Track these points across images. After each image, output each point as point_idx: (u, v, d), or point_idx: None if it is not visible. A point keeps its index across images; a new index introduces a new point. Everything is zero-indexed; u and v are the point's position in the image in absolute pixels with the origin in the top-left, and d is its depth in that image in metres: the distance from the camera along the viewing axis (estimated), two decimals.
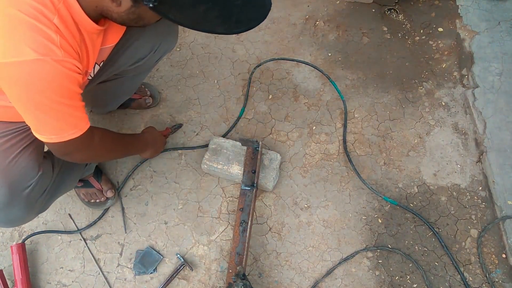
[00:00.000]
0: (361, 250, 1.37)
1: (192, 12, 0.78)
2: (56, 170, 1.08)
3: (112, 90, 1.38)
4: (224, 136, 1.55)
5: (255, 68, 1.69)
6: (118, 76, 1.28)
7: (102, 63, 1.03)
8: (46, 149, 1.14)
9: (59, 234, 1.42)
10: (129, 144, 1.26)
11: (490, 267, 1.33)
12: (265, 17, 0.86)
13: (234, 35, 1.78)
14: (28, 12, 0.70)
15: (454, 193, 1.45)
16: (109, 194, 1.41)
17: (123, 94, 1.46)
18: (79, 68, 0.80)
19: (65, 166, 1.14)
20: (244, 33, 1.79)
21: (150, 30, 1.08)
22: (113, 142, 1.14)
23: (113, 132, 1.19)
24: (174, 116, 1.62)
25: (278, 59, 1.72)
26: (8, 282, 1.34)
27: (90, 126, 0.92)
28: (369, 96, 1.64)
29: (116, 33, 0.99)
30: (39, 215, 1.44)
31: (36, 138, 0.88)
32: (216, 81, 1.69)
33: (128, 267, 1.37)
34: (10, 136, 0.95)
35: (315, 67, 1.69)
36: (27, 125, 0.94)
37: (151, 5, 0.71)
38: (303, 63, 1.71)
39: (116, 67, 1.17)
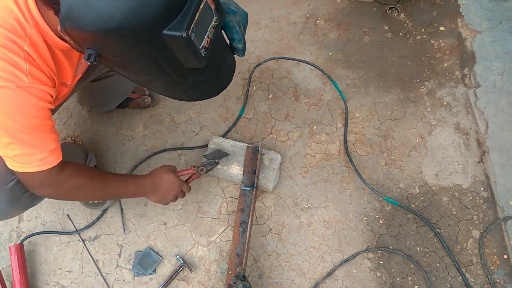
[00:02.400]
0: (362, 251, 1.36)
1: (135, 76, 0.81)
2: None
3: (110, 88, 1.36)
4: (223, 136, 1.54)
5: (255, 68, 1.68)
6: (113, 72, 1.27)
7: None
8: None
9: (58, 235, 1.41)
10: (117, 186, 1.09)
11: (492, 268, 1.32)
12: (217, 94, 0.89)
13: None
14: None
15: (456, 194, 1.44)
16: None
17: (121, 92, 1.45)
18: (50, 93, 0.82)
19: None
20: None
21: None
22: (91, 181, 1.02)
23: (94, 170, 1.08)
24: (173, 115, 1.60)
25: (278, 58, 1.71)
26: (7, 283, 1.33)
27: (63, 162, 0.91)
28: (370, 96, 1.62)
29: None
30: (38, 215, 1.44)
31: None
32: None
33: (127, 268, 1.36)
34: None
35: (316, 66, 1.68)
36: None
37: (89, 63, 0.70)
38: (304, 62, 1.69)
39: None
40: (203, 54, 0.73)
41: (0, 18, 0.73)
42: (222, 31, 0.88)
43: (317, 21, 1.79)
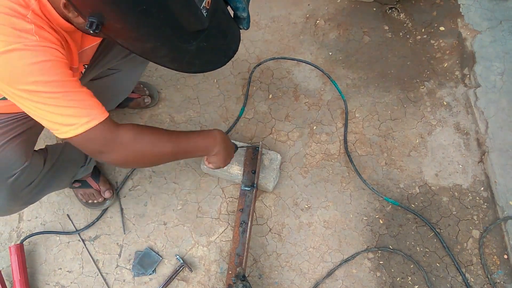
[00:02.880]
0: (362, 251, 1.36)
1: (139, 45, 0.77)
2: (48, 166, 1.07)
3: (109, 87, 1.36)
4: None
5: (255, 68, 1.68)
6: (113, 71, 1.27)
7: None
8: (43, 146, 1.14)
9: (58, 234, 1.41)
10: (184, 139, 0.99)
11: (492, 268, 1.32)
12: (224, 64, 0.85)
13: None
14: (1, 9, 0.69)
15: (456, 194, 1.44)
16: (107, 194, 1.39)
17: (121, 92, 1.45)
18: (62, 54, 0.76)
19: (58, 164, 1.12)
20: (244, 32, 1.78)
21: None
22: (155, 134, 0.92)
23: (155, 128, 0.95)
24: (173, 116, 1.61)
25: (278, 58, 1.71)
26: (7, 283, 1.33)
27: (116, 123, 0.85)
28: (370, 96, 1.62)
29: None
30: (38, 215, 1.44)
31: (26, 130, 0.87)
32: (215, 80, 1.67)
33: (127, 268, 1.36)
34: None
35: (316, 66, 1.68)
36: (16, 116, 0.95)
37: (91, 32, 0.68)
38: (304, 62, 1.69)
39: (107, 60, 1.15)
40: (204, 14, 0.72)
41: None
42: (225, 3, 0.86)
43: (317, 21, 1.79)
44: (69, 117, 0.78)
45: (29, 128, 0.98)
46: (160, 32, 0.73)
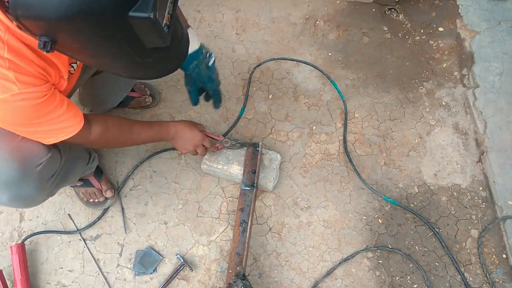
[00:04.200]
0: (361, 250, 1.36)
1: (96, 61, 0.80)
2: (64, 157, 1.11)
3: (110, 82, 1.37)
4: (224, 136, 1.54)
5: (255, 68, 1.69)
6: None
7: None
8: None
9: (59, 234, 1.42)
10: (144, 130, 1.19)
11: (490, 267, 1.33)
12: (177, 68, 0.89)
13: (234, 34, 1.78)
14: None
15: (455, 193, 1.44)
16: (108, 194, 1.40)
17: (122, 87, 1.45)
18: (43, 91, 0.84)
19: (70, 158, 1.16)
20: (244, 32, 1.79)
21: None
22: (121, 129, 1.13)
23: (120, 118, 1.17)
24: (174, 116, 1.61)
25: (278, 59, 1.72)
26: (8, 282, 1.34)
27: (88, 120, 1.00)
28: (370, 96, 1.63)
29: None
30: (40, 215, 1.45)
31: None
32: None
33: (127, 268, 1.37)
34: None
35: (315, 67, 1.69)
36: None
37: (44, 51, 0.66)
38: (303, 63, 1.70)
39: None
40: (166, 32, 0.70)
41: None
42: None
43: (317, 22, 1.80)
44: (49, 138, 0.94)
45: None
46: (120, 51, 0.72)
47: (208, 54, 1.17)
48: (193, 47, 1.11)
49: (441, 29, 1.75)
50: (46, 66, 0.85)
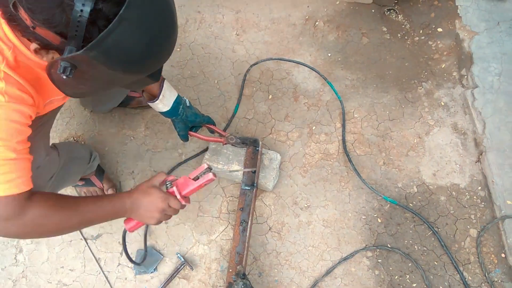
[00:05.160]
0: (361, 249, 1.37)
1: (90, 86, 0.82)
2: (62, 161, 1.11)
3: None
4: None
5: (251, 66, 1.70)
6: None
7: None
8: (50, 142, 1.16)
9: None
10: (92, 208, 0.95)
11: (489, 266, 1.34)
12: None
13: (234, 35, 1.79)
14: None
15: (454, 193, 1.45)
16: (110, 192, 1.41)
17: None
18: (28, 113, 0.81)
19: (69, 160, 1.17)
20: (245, 33, 1.80)
21: None
22: (61, 207, 0.89)
23: (64, 195, 0.96)
24: None
25: (276, 59, 1.73)
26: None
27: (31, 191, 0.83)
28: (369, 96, 1.64)
29: None
30: None
31: (40, 126, 0.91)
32: (216, 81, 1.69)
33: (128, 267, 1.38)
34: None
35: (312, 68, 1.69)
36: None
37: (63, 76, 0.68)
38: (301, 64, 1.71)
39: None
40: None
41: None
42: None
43: (316, 23, 1.81)
44: None
45: (41, 124, 1.00)
46: (125, 84, 0.84)
47: (183, 98, 1.26)
48: (173, 95, 1.18)
49: (440, 29, 1.75)
50: (40, 88, 0.85)
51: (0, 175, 0.77)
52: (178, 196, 1.05)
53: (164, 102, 1.17)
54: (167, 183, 1.07)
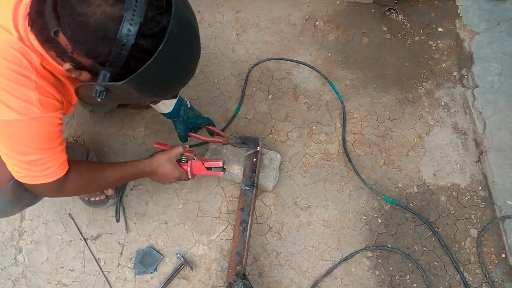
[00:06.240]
0: (361, 249, 1.37)
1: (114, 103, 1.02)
2: None
3: None
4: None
5: (252, 67, 1.70)
6: None
7: None
8: None
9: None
10: (118, 173, 1.14)
11: (489, 266, 1.33)
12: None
13: (234, 35, 1.79)
14: (7, 75, 0.78)
15: (454, 193, 1.45)
16: (110, 192, 1.41)
17: None
18: (59, 118, 0.90)
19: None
20: (245, 33, 1.79)
21: None
22: (94, 176, 1.09)
23: (95, 164, 1.16)
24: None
25: (276, 59, 1.72)
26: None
27: (69, 169, 0.98)
28: (369, 96, 1.64)
29: None
30: (40, 214, 1.45)
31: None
32: (216, 81, 1.69)
33: (128, 267, 1.37)
34: None
35: (312, 67, 1.69)
36: None
37: (98, 99, 0.73)
38: (301, 63, 1.71)
39: None
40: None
41: (5, 52, 0.78)
42: None
43: (317, 23, 1.81)
44: (33, 171, 0.91)
45: None
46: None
47: (184, 99, 1.31)
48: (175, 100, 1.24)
49: (440, 29, 1.75)
50: (63, 92, 0.91)
51: (41, 171, 0.91)
52: (189, 174, 1.26)
53: (167, 104, 1.22)
54: (183, 157, 1.26)
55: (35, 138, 0.86)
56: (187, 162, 1.26)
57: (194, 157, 1.26)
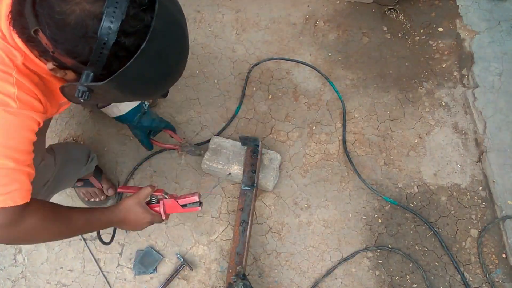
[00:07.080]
0: (361, 250, 1.37)
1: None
2: (58, 164, 1.09)
3: None
4: (218, 134, 1.55)
5: (252, 67, 1.69)
6: None
7: None
8: (47, 145, 1.16)
9: None
10: (83, 221, 0.97)
11: (490, 267, 1.33)
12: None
13: (234, 34, 1.78)
14: None
15: (454, 193, 1.45)
16: (110, 192, 1.41)
17: None
18: (37, 120, 0.81)
19: (65, 162, 1.15)
20: (245, 33, 1.79)
21: None
22: (55, 219, 0.90)
23: (58, 206, 0.94)
24: (174, 116, 1.62)
25: (277, 58, 1.72)
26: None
27: (30, 202, 0.81)
28: (369, 96, 1.64)
29: None
30: None
31: (38, 132, 0.88)
32: (216, 81, 1.69)
33: (128, 267, 1.37)
34: None
35: (312, 67, 1.69)
36: None
37: (81, 100, 0.71)
38: (301, 63, 1.70)
39: None
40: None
41: None
42: None
43: (317, 22, 1.80)
44: None
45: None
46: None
47: (143, 104, 1.26)
48: (134, 103, 1.20)
49: (440, 29, 1.75)
50: (49, 94, 0.86)
51: (1, 186, 0.75)
52: (163, 215, 1.11)
53: (120, 107, 1.15)
54: (153, 198, 1.11)
55: (4, 133, 0.75)
56: (158, 202, 1.10)
57: (166, 196, 1.11)
